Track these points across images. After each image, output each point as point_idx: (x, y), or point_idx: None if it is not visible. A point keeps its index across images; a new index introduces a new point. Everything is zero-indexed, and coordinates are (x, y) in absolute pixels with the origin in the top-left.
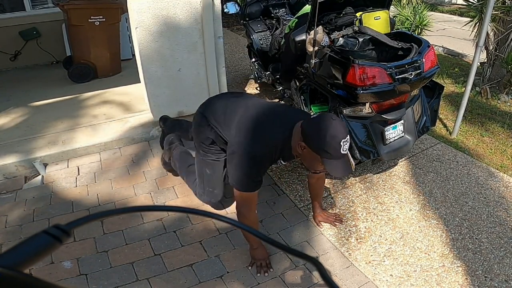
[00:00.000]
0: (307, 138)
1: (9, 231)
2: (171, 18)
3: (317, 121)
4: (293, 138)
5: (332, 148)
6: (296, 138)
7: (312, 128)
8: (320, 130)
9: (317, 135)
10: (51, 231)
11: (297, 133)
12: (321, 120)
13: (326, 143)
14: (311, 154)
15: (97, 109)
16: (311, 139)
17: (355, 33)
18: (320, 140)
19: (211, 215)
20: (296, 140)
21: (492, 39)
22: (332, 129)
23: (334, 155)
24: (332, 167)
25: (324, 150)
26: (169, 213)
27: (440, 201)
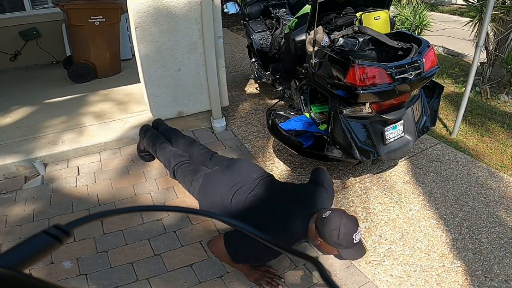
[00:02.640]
0: (322, 236)
1: (9, 231)
2: (171, 18)
3: (329, 222)
4: (310, 233)
5: (346, 242)
6: (312, 233)
7: (326, 229)
8: (333, 230)
9: (331, 235)
10: (51, 231)
11: (312, 230)
12: (332, 221)
13: (339, 240)
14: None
15: (97, 109)
16: (326, 237)
17: (355, 33)
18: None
19: (211, 215)
20: (312, 235)
21: (492, 39)
22: (343, 228)
23: (349, 246)
24: (347, 255)
25: (339, 245)
26: (169, 213)
27: (440, 201)
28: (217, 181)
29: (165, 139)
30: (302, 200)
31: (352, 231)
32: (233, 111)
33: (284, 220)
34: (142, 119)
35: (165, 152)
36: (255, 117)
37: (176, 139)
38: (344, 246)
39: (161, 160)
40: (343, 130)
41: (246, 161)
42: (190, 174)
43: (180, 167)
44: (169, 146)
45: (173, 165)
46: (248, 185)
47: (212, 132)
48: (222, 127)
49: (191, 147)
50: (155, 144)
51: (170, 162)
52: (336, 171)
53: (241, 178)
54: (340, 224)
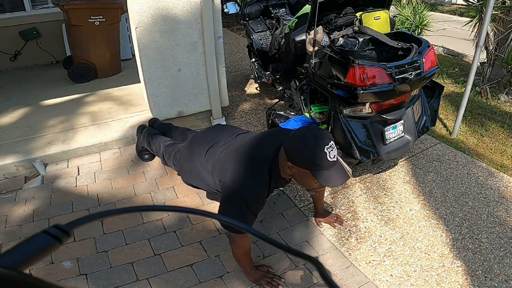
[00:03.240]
0: (291, 157)
1: (9, 231)
2: (171, 18)
3: (295, 135)
4: (280, 162)
5: (317, 157)
6: (282, 160)
7: (293, 145)
8: (300, 144)
9: (299, 150)
10: (51, 231)
11: (282, 155)
12: (298, 133)
13: (309, 154)
14: (301, 172)
15: (97, 109)
16: (294, 155)
17: (355, 33)
18: (303, 154)
19: (211, 215)
20: (282, 162)
21: (492, 39)
22: (311, 138)
23: (323, 165)
24: (325, 179)
25: (311, 163)
26: (169, 213)
27: (440, 201)
28: (194, 143)
29: (158, 132)
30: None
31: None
32: (233, 111)
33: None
34: (142, 119)
35: (156, 140)
36: (255, 117)
37: (169, 131)
38: (318, 166)
39: (154, 151)
40: (343, 130)
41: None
42: (175, 150)
43: (167, 148)
44: (161, 136)
45: (162, 150)
46: (223, 141)
47: None
48: None
49: (183, 134)
50: (148, 137)
51: (160, 148)
52: None
53: (219, 137)
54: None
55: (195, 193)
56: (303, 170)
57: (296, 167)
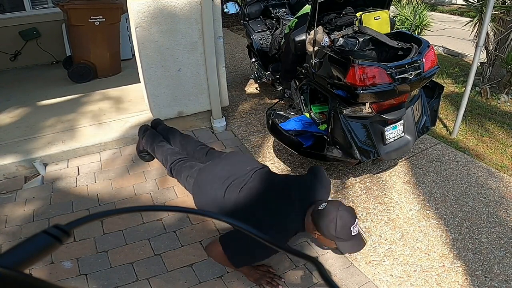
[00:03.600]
0: (320, 229)
1: (9, 231)
2: (171, 18)
3: (325, 215)
4: (307, 226)
5: (343, 235)
6: (309, 226)
7: (323, 221)
8: (330, 223)
9: (328, 227)
10: (51, 231)
11: (309, 223)
12: (329, 213)
13: (337, 233)
14: (326, 239)
15: (97, 109)
16: (323, 230)
17: (355, 33)
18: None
19: (211, 215)
20: (310, 228)
21: (492, 39)
22: (340, 220)
23: (347, 238)
24: (346, 248)
25: (337, 238)
26: (169, 213)
27: (440, 201)
28: (211, 175)
29: (163, 138)
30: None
31: (349, 223)
32: (233, 111)
33: (279, 213)
34: (142, 119)
35: (163, 151)
36: (255, 117)
37: (174, 138)
38: (342, 239)
39: (159, 159)
40: (343, 130)
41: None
42: (186, 170)
43: (176, 164)
44: (167, 145)
45: (170, 163)
46: (241, 178)
47: (212, 132)
48: (222, 127)
49: (188, 144)
50: (153, 143)
51: (167, 160)
52: (336, 171)
53: (235, 171)
54: (337, 216)
55: None
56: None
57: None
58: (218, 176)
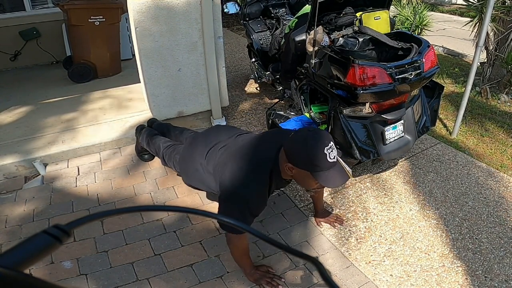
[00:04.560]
0: (291, 158)
1: (9, 231)
2: (171, 18)
3: (295, 137)
4: (280, 163)
5: (317, 159)
6: (282, 161)
7: (293, 146)
8: (300, 145)
9: (299, 151)
10: (51, 231)
11: (282, 156)
12: (298, 134)
13: (309, 156)
14: (301, 173)
15: (97, 109)
16: (295, 157)
17: (355, 33)
18: (303, 155)
19: (211, 215)
20: (282, 164)
21: (492, 39)
22: (311, 140)
23: (323, 165)
24: (325, 180)
25: (311, 164)
26: (169, 213)
27: (440, 201)
28: (195, 144)
29: (157, 133)
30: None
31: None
32: (233, 111)
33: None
34: (142, 119)
35: (156, 141)
36: (255, 117)
37: (168, 131)
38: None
39: (153, 151)
40: (343, 130)
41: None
42: (175, 151)
43: (167, 149)
44: (160, 136)
45: (162, 150)
46: (223, 142)
47: None
48: None
49: (181, 134)
50: (147, 138)
51: (160, 149)
52: None
53: (219, 138)
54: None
55: (195, 193)
56: (303, 172)
57: (296, 168)
58: (201, 144)
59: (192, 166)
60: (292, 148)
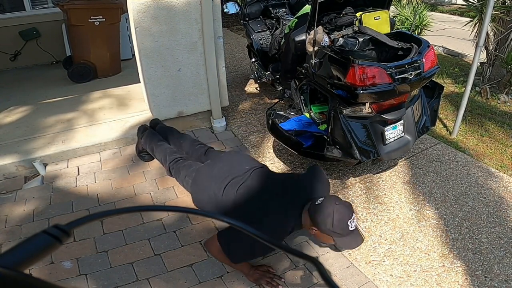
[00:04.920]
0: (317, 224)
1: (9, 231)
2: (171, 18)
3: (322, 209)
4: (304, 222)
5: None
6: (306, 222)
7: (319, 216)
8: (327, 217)
9: (325, 222)
10: (50, 231)
11: (306, 219)
12: (325, 207)
13: (334, 227)
14: (323, 235)
15: (97, 109)
16: (320, 225)
17: (355, 33)
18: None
19: (211, 215)
20: (307, 224)
21: (492, 39)
22: (337, 214)
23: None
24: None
25: (334, 232)
26: (169, 213)
27: (440, 201)
28: (209, 174)
29: (161, 138)
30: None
31: (346, 216)
32: (233, 111)
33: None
34: (142, 119)
35: (161, 150)
36: (255, 117)
37: (172, 137)
38: (339, 234)
39: (158, 158)
40: (343, 130)
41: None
42: (184, 169)
43: (175, 163)
44: (165, 144)
45: (169, 162)
46: (239, 177)
47: (212, 132)
48: (222, 127)
49: (186, 143)
50: (151, 142)
51: (166, 160)
52: (336, 171)
53: (233, 170)
54: (333, 210)
55: None
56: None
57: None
58: (216, 175)
59: (207, 194)
60: (319, 218)
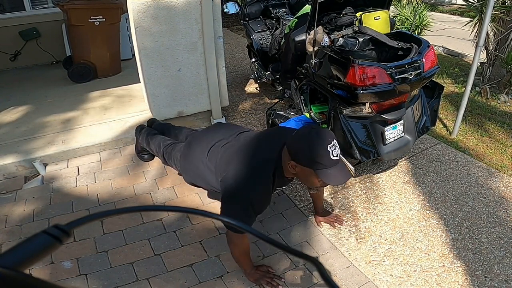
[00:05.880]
0: (294, 156)
1: (9, 231)
2: (171, 18)
3: (298, 135)
4: (283, 161)
5: (320, 156)
6: (285, 159)
7: (296, 144)
8: (304, 142)
9: (302, 149)
10: (50, 231)
11: (285, 155)
12: (302, 132)
13: (312, 153)
14: (304, 170)
15: (97, 109)
16: (298, 154)
17: (355, 33)
18: (307, 153)
19: (211, 215)
20: (286, 161)
21: (492, 39)
22: (314, 137)
23: (326, 163)
24: (328, 177)
25: (314, 161)
26: (169, 213)
27: (440, 201)
28: (196, 143)
29: (157, 132)
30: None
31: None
32: (233, 111)
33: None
34: (142, 119)
35: (156, 140)
36: (255, 117)
37: (168, 130)
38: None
39: (153, 150)
40: (343, 130)
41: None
42: (175, 149)
43: (168, 148)
44: (160, 136)
45: (162, 149)
46: (224, 139)
47: None
48: None
49: (181, 132)
50: (147, 137)
51: (160, 147)
52: None
53: (221, 136)
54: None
55: (195, 193)
56: (306, 169)
57: (300, 166)
58: (203, 141)
59: (193, 164)
60: (295, 146)
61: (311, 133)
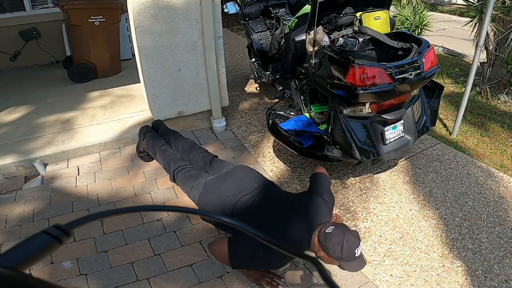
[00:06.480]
0: (325, 250)
1: (9, 231)
2: (171, 18)
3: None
4: (312, 244)
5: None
6: (315, 245)
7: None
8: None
9: (334, 250)
10: (50, 231)
11: (315, 243)
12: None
13: (342, 255)
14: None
15: (97, 109)
16: (329, 252)
17: (355, 33)
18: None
19: (211, 215)
20: (315, 247)
21: (492, 39)
22: (346, 243)
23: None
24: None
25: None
26: (169, 213)
27: (440, 201)
28: (217, 190)
29: (164, 142)
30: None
31: (354, 246)
32: (233, 111)
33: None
34: (142, 119)
35: (165, 156)
36: (255, 117)
37: (176, 142)
38: (345, 260)
39: (160, 163)
40: (343, 130)
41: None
42: (190, 180)
43: (180, 171)
44: (169, 149)
45: (173, 169)
46: (249, 195)
47: (212, 132)
48: (222, 127)
49: (190, 150)
50: (154, 146)
51: (170, 166)
52: (336, 171)
53: (242, 188)
54: (343, 240)
55: None
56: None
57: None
58: (225, 192)
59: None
60: (328, 246)
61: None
